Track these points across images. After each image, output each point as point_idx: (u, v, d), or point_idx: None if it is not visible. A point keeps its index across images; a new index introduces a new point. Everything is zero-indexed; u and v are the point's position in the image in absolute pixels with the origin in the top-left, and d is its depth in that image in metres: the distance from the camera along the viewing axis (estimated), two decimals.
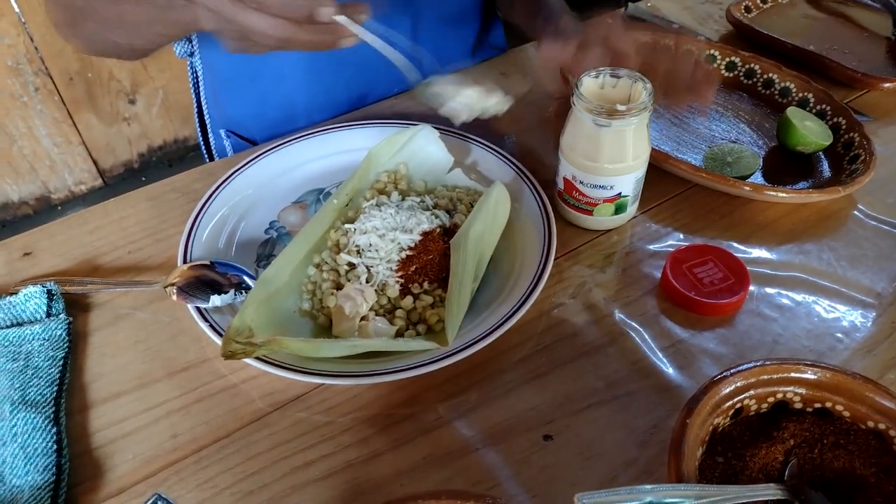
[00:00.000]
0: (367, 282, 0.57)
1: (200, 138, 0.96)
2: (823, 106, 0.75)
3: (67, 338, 0.56)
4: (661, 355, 0.55)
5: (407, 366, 0.51)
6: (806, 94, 0.77)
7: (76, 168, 1.99)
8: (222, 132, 0.91)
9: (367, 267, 0.57)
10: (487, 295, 0.59)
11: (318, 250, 0.61)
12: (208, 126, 0.93)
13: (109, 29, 0.63)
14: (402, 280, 0.57)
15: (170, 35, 0.61)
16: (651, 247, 0.64)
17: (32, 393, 0.52)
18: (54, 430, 0.49)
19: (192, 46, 0.86)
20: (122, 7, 0.58)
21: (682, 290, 0.57)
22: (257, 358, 0.51)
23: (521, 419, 0.51)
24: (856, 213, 0.67)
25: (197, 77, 0.89)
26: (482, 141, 0.71)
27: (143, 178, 2.10)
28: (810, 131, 0.70)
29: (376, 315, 0.55)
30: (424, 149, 0.69)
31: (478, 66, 0.89)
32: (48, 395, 0.52)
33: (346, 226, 0.61)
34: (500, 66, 0.88)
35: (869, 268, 0.61)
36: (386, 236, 0.58)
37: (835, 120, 0.74)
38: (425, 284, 0.57)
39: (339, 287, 0.57)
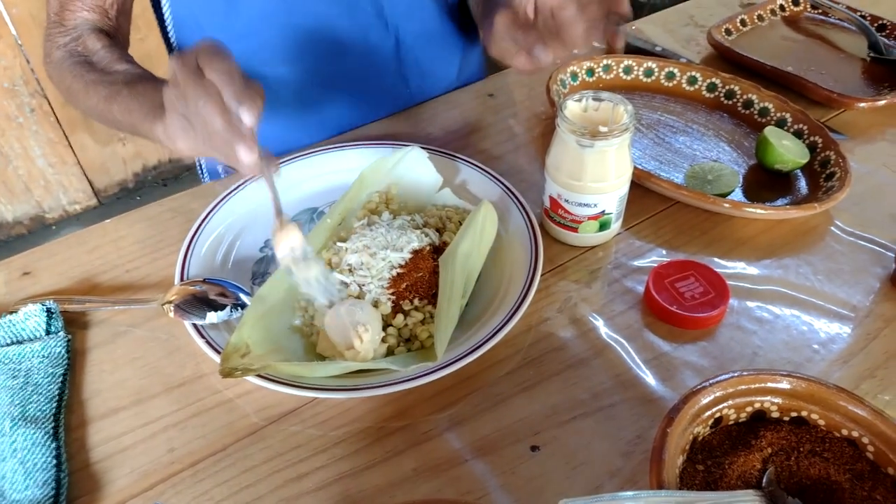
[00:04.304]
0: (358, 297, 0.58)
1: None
2: (800, 125, 0.78)
3: (66, 355, 0.57)
4: (644, 367, 0.56)
5: (398, 379, 0.52)
6: (784, 113, 0.80)
7: (71, 188, 2.00)
8: None
9: (359, 285, 0.59)
10: (476, 310, 0.60)
11: None
12: None
13: (94, 114, 0.68)
14: (394, 297, 0.58)
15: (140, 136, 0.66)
16: (635, 262, 0.66)
17: (32, 409, 0.53)
18: (54, 445, 0.51)
19: None
20: (112, 112, 0.64)
21: (664, 304, 0.59)
22: None
23: (509, 430, 0.52)
24: (833, 228, 0.69)
25: None
26: (471, 160, 0.73)
27: (138, 198, 2.12)
28: (788, 150, 0.72)
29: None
30: (414, 169, 0.71)
31: (456, 94, 0.91)
32: (47, 411, 0.53)
33: (339, 245, 0.63)
34: (488, 87, 0.91)
35: (845, 281, 0.63)
36: (377, 255, 0.59)
37: (811, 139, 0.76)
38: (416, 301, 0.59)
39: (330, 305, 0.59)
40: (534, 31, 0.56)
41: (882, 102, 0.83)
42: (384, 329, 0.57)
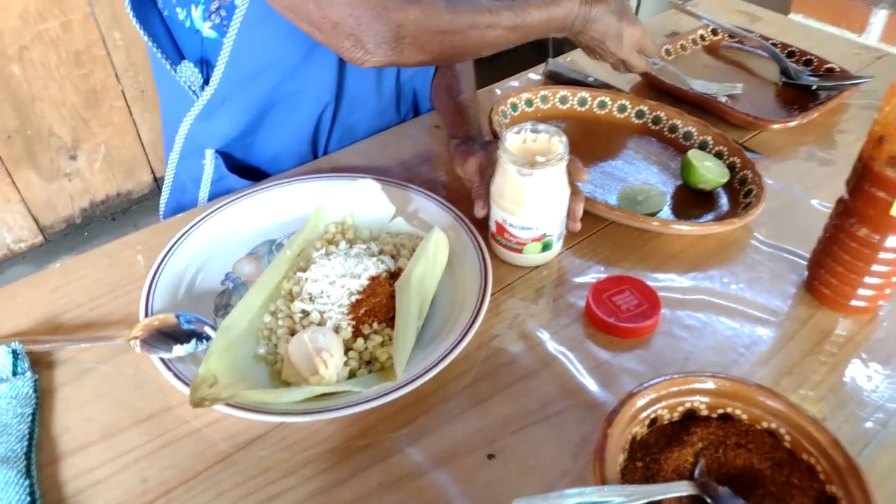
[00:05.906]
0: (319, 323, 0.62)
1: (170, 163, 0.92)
2: (721, 147, 0.85)
3: (34, 395, 0.59)
4: (587, 376, 0.61)
5: (360, 400, 0.56)
6: (706, 136, 0.87)
7: (15, 226, 1.96)
8: (209, 153, 0.87)
9: (320, 312, 0.62)
10: (432, 330, 0.64)
11: (273, 299, 0.66)
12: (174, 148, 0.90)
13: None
14: (354, 322, 0.62)
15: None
16: (576, 279, 0.71)
17: (3, 449, 0.54)
18: (27, 483, 0.52)
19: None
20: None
21: (603, 316, 0.64)
22: None
23: (466, 441, 0.56)
24: (752, 241, 0.75)
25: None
26: (421, 189, 0.77)
27: (86, 233, 2.08)
28: (709, 171, 0.79)
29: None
30: (368, 200, 0.75)
31: (404, 126, 0.96)
32: (18, 450, 0.54)
33: (299, 275, 0.66)
34: (434, 120, 0.96)
35: (765, 288, 0.70)
36: (336, 283, 0.63)
37: (731, 159, 0.83)
38: (375, 325, 0.62)
39: (293, 333, 0.62)
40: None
41: (793, 123, 0.91)
42: (345, 353, 0.61)
